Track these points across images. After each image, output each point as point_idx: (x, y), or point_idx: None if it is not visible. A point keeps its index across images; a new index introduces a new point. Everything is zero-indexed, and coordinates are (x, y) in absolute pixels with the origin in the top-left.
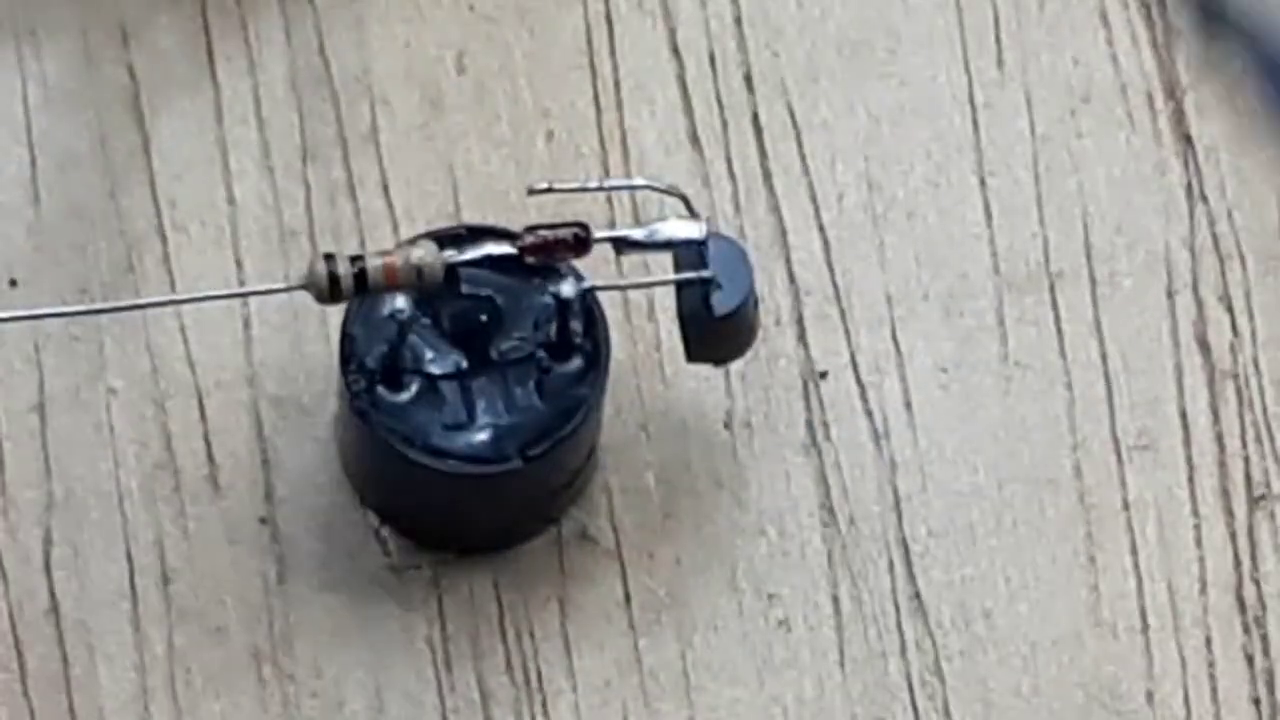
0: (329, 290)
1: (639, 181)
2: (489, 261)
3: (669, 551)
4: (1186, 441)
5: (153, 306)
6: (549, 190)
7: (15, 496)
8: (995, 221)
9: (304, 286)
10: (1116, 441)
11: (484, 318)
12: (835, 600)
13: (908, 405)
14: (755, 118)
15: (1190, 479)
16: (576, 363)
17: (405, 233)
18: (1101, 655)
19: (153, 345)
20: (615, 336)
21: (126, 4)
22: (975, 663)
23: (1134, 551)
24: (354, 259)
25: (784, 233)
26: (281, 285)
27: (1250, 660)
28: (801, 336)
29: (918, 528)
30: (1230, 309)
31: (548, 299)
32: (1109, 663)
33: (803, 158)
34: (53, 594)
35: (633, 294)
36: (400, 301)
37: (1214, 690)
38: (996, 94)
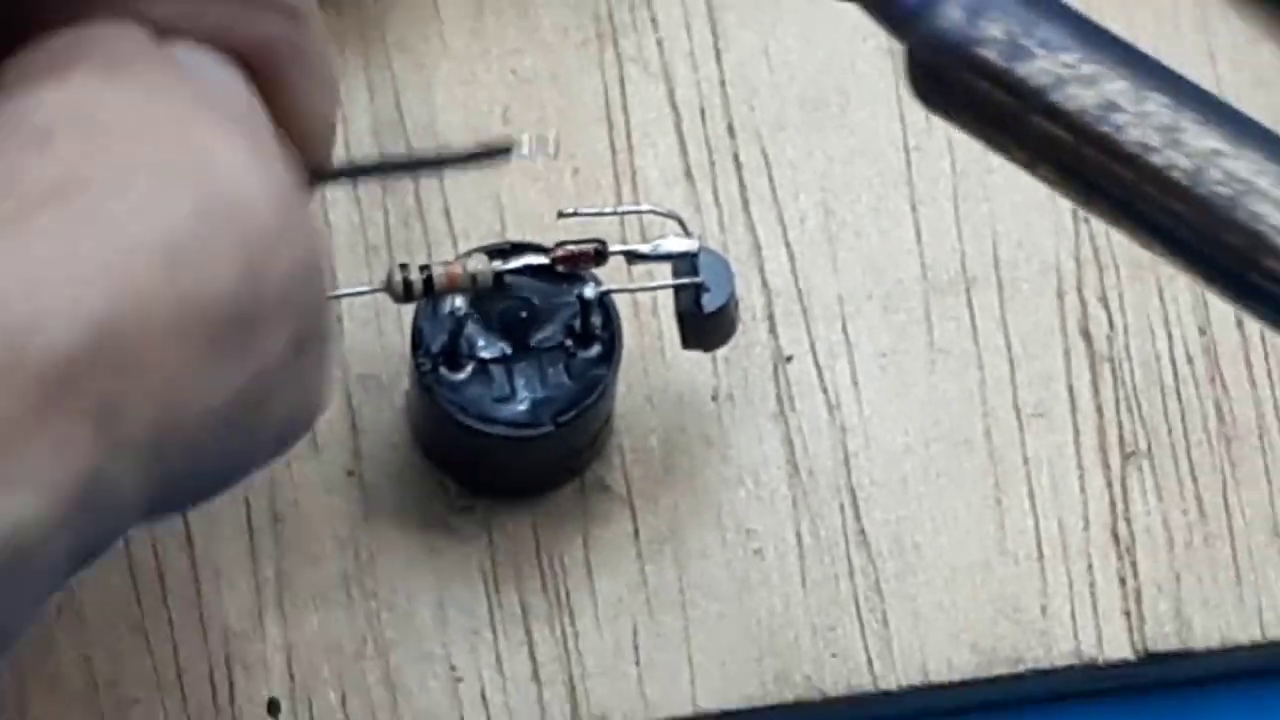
0: (403, 292)
1: (645, 208)
2: (528, 270)
3: (669, 497)
4: (1072, 410)
5: None
6: (574, 214)
7: None
8: (923, 239)
9: (384, 289)
10: (1018, 411)
11: (524, 314)
12: (798, 535)
13: (854, 383)
14: (735, 158)
15: (1075, 440)
16: (596, 349)
17: (462, 247)
18: (1006, 578)
19: None
20: (626, 328)
21: None
22: (906, 584)
23: (1031, 497)
24: (423, 268)
25: (758, 248)
26: (366, 289)
27: (1123, 581)
28: (772, 329)
29: (862, 478)
30: (1106, 307)
31: (573, 299)
32: (1011, 584)
33: (773, 190)
34: (188, 531)
35: (640, 295)
36: (458, 301)
37: (1094, 605)
38: (925, 140)
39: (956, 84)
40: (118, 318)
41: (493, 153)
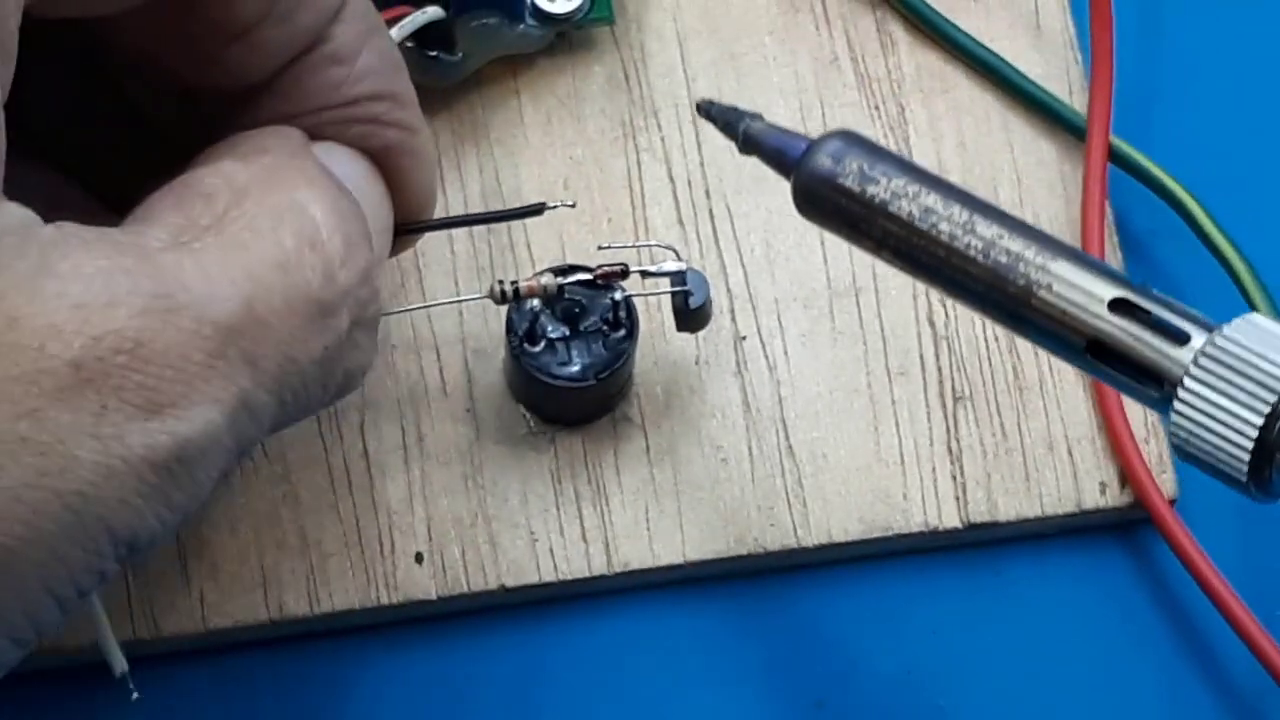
0: (500, 297)
1: (653, 243)
2: (579, 282)
3: (668, 425)
4: (923, 371)
5: (414, 310)
6: (609, 248)
7: (346, 402)
8: (828, 262)
9: (488, 296)
10: (888, 371)
11: (577, 310)
12: (749, 449)
13: (785, 353)
14: (710, 212)
15: (924, 389)
16: (622, 332)
17: (538, 268)
18: (881, 476)
19: (414, 324)
20: (641, 319)
21: None
22: (818, 480)
23: (897, 425)
24: (513, 282)
25: (724, 267)
26: (478, 295)
27: (954, 479)
28: (733, 319)
29: (790, 413)
30: (944, 304)
31: (609, 300)
32: (884, 480)
33: (733, 231)
34: (364, 446)
35: (649, 298)
36: (535, 302)
37: (936, 494)
38: None
39: (826, 202)
40: (256, 301)
41: (532, 210)
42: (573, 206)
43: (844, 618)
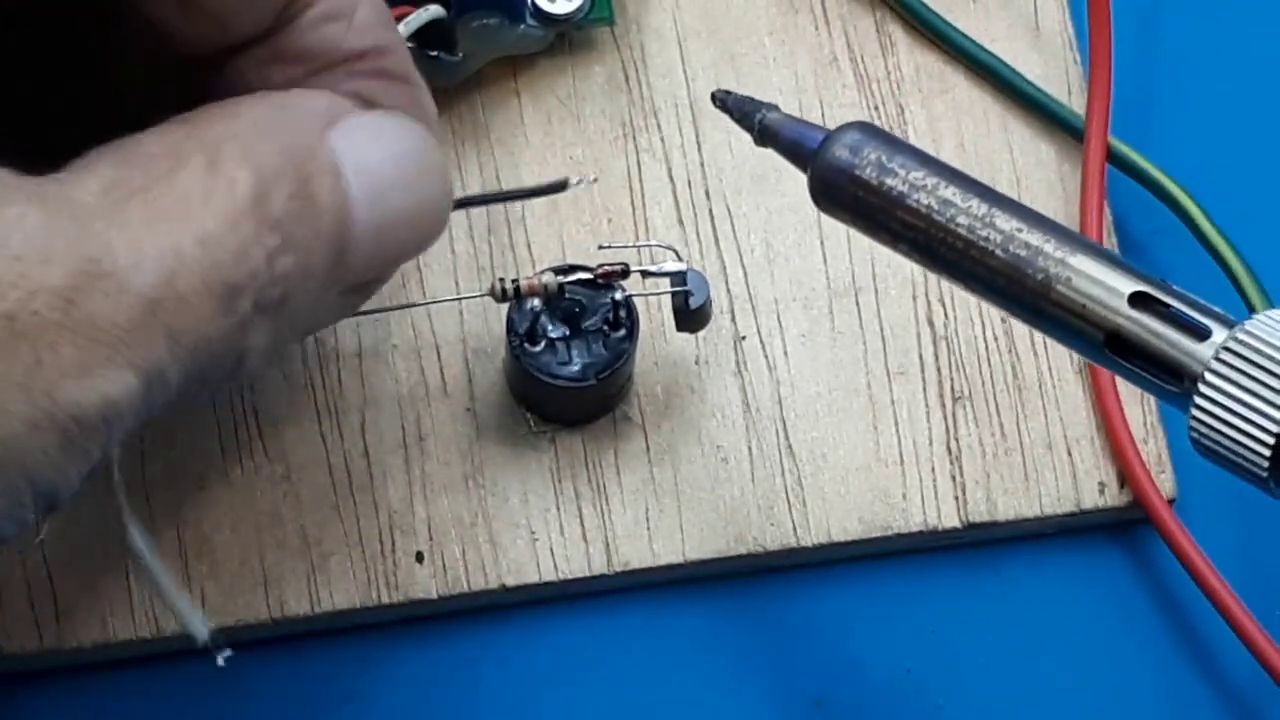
0: (500, 296)
1: (653, 243)
2: (580, 282)
3: (668, 425)
4: (922, 370)
5: (414, 306)
6: (609, 247)
7: (347, 402)
8: (828, 262)
9: (489, 294)
10: (888, 371)
11: (577, 310)
12: (749, 448)
13: (785, 353)
14: (710, 212)
15: (924, 389)
16: (623, 332)
17: (539, 267)
18: (880, 475)
19: (415, 324)
20: (642, 319)
21: None
22: (818, 479)
23: (896, 425)
24: (513, 280)
25: (724, 267)
26: (478, 294)
27: (953, 479)
28: (733, 319)
29: (789, 413)
30: (944, 305)
31: (609, 300)
32: (884, 480)
33: (733, 231)
34: (365, 446)
35: (650, 298)
36: (536, 301)
37: (935, 493)
38: None
39: (843, 194)
40: (177, 275)
41: (555, 186)
42: (595, 181)
43: (844, 617)
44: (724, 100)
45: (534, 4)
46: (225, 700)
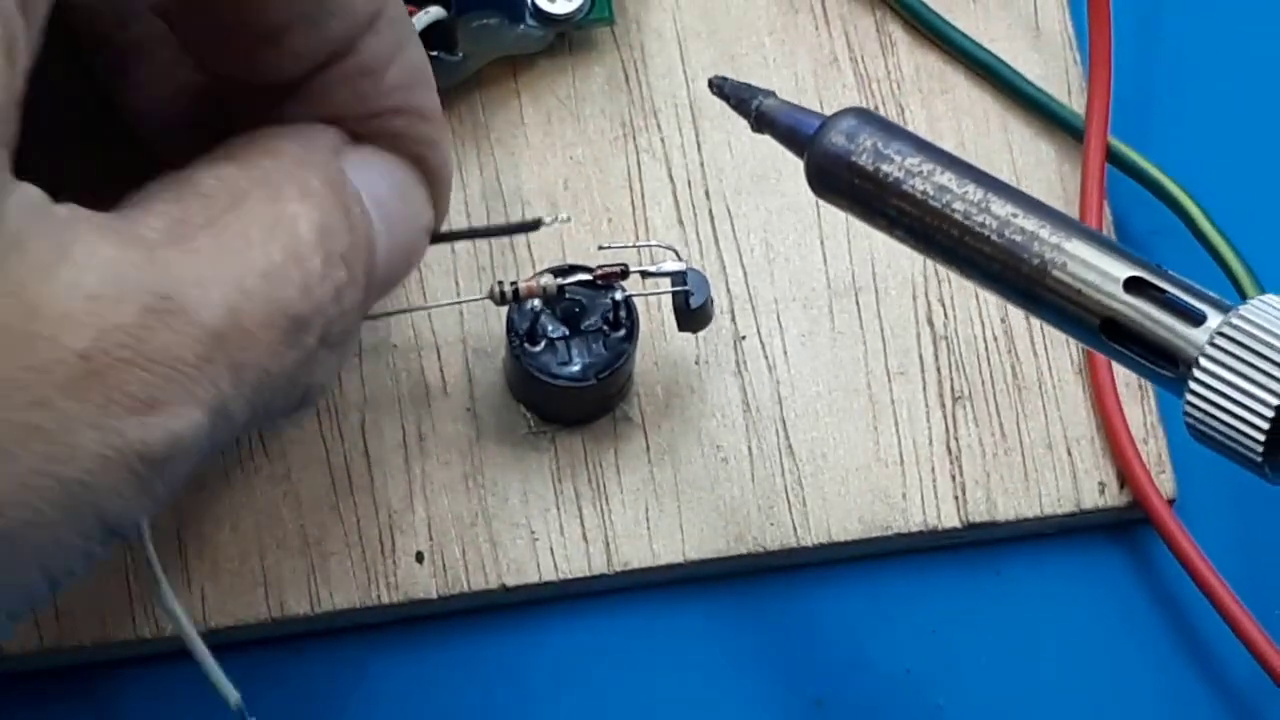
0: (500, 298)
1: (653, 243)
2: (580, 283)
3: (668, 425)
4: (921, 371)
5: (414, 311)
6: (609, 248)
7: (347, 402)
8: (828, 262)
9: (489, 297)
10: (888, 371)
11: (577, 310)
12: (749, 448)
13: (785, 353)
14: (710, 212)
15: (923, 389)
16: (622, 332)
17: (539, 267)
18: (880, 475)
19: (415, 324)
20: (642, 319)
21: None
22: (818, 479)
23: (896, 425)
24: (513, 283)
25: (724, 267)
26: (479, 297)
27: (953, 478)
28: (733, 319)
29: (789, 413)
30: (943, 305)
31: (609, 300)
32: (884, 480)
33: (733, 231)
34: (365, 445)
35: (650, 298)
36: (536, 302)
37: (935, 493)
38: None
39: (839, 180)
40: (242, 310)
41: (527, 225)
42: (568, 221)
43: (843, 617)
44: (720, 86)
45: (534, 4)
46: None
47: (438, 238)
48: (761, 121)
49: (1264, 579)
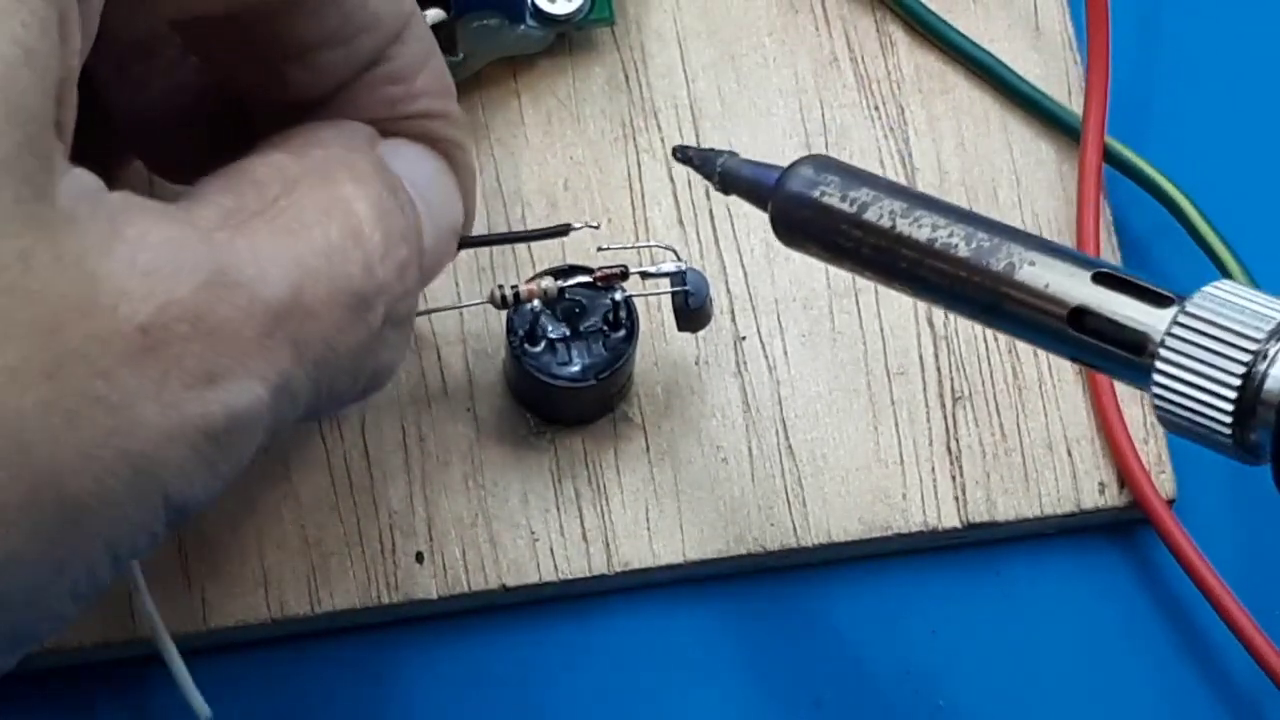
0: (500, 302)
1: (653, 243)
2: (580, 284)
3: (668, 425)
4: (922, 371)
5: (421, 315)
6: (609, 249)
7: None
8: None
9: (489, 300)
10: (888, 371)
11: (577, 310)
12: (749, 449)
13: (785, 353)
14: (710, 212)
15: (924, 389)
16: (622, 332)
17: (539, 267)
18: (880, 476)
19: (416, 324)
20: (641, 319)
21: None
22: (818, 480)
23: (896, 425)
24: (513, 287)
25: (724, 268)
26: (479, 300)
27: (953, 479)
28: (733, 319)
29: (789, 413)
30: None
31: (609, 301)
32: (884, 480)
33: (733, 231)
34: (365, 446)
35: (650, 298)
36: (536, 303)
37: (935, 493)
38: None
39: (804, 223)
40: (303, 287)
41: (556, 231)
42: (597, 227)
43: (843, 617)
44: (684, 155)
45: (534, 4)
46: (225, 700)
47: (466, 242)
48: (725, 180)
49: (1263, 579)
